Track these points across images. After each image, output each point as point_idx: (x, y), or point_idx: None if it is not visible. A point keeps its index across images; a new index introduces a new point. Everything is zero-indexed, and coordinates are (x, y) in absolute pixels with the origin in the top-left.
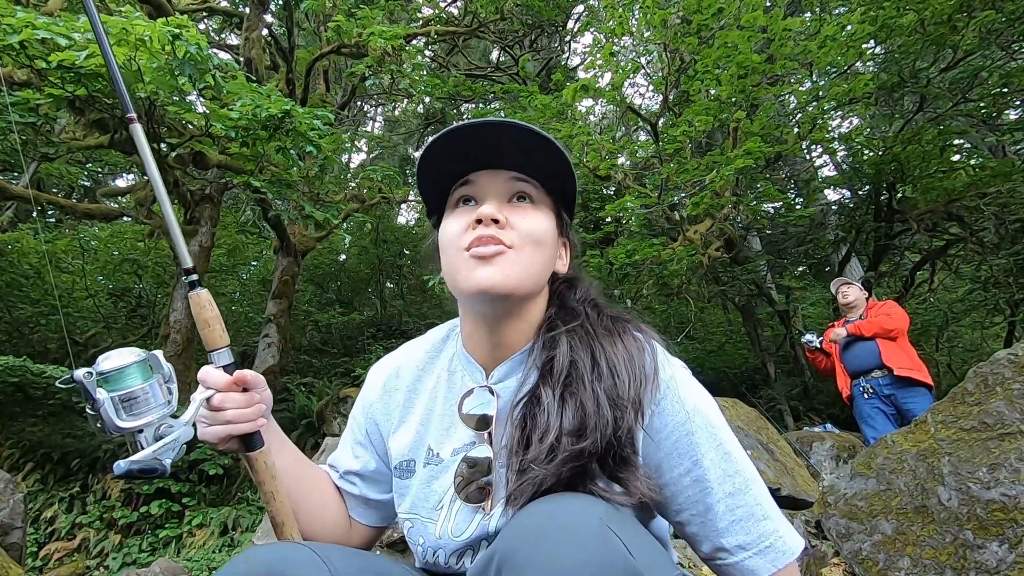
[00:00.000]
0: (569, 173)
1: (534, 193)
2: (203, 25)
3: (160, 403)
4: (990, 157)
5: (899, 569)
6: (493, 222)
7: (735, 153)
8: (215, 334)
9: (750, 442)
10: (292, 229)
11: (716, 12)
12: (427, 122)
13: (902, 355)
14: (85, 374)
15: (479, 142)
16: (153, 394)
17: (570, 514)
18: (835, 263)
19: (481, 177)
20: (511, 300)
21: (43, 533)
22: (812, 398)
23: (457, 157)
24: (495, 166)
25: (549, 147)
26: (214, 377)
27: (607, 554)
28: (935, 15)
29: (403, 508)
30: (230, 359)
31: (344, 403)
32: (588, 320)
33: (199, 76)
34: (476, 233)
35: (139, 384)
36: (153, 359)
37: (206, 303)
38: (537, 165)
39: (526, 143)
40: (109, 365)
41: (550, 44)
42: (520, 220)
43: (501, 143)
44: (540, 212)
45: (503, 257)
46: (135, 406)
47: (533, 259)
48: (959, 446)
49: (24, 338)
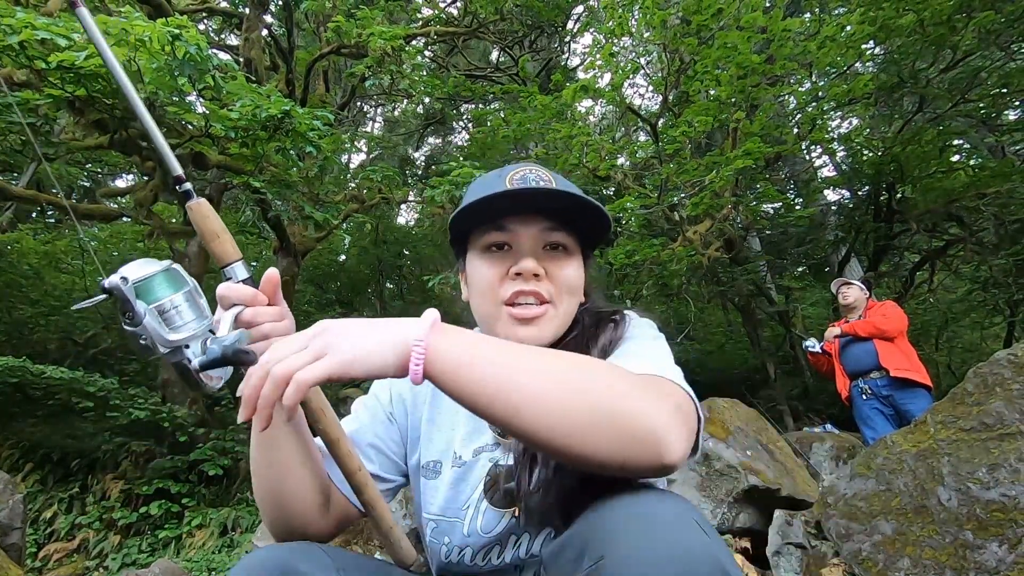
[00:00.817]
0: (606, 228)
1: (567, 241)
2: (203, 26)
3: (197, 315)
4: (989, 157)
5: (899, 569)
6: (534, 276)
7: (735, 153)
8: (226, 246)
9: (750, 442)
10: (292, 229)
11: (716, 13)
12: (427, 122)
13: (899, 356)
14: (120, 279)
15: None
16: (188, 305)
17: (658, 506)
18: (835, 263)
19: (516, 225)
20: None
21: (42, 534)
22: (812, 398)
23: (497, 198)
24: (535, 212)
25: (595, 211)
26: (238, 292)
27: (695, 542)
28: (934, 16)
29: (432, 510)
30: (247, 273)
31: (344, 403)
32: (583, 332)
33: (199, 77)
34: (516, 287)
35: (170, 294)
36: (175, 272)
37: (208, 213)
38: (570, 218)
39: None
40: (138, 273)
41: (550, 45)
42: (557, 271)
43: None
44: (573, 259)
45: (544, 318)
46: (171, 319)
47: (569, 308)
48: (959, 446)
49: (24, 338)
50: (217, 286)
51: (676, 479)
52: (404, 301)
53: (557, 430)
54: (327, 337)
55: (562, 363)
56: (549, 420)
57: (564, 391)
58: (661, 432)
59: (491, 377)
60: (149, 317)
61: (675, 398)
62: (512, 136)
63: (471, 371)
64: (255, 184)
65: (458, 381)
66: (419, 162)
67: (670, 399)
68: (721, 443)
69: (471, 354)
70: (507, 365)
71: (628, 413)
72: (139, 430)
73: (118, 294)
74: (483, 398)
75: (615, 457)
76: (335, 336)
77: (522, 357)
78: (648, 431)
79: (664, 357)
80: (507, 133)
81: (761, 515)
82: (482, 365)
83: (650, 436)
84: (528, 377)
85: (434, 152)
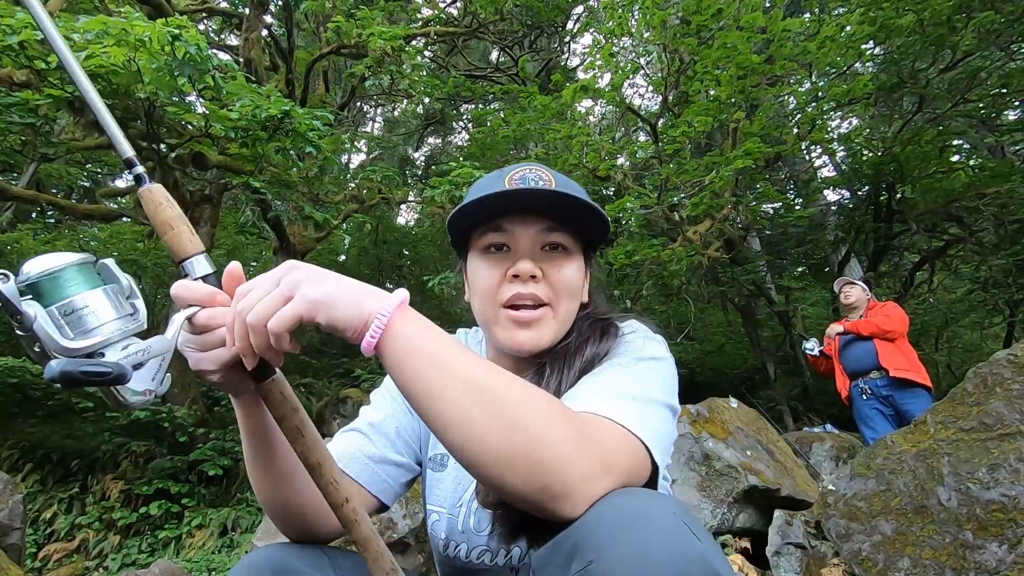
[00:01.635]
0: (605, 229)
1: (566, 241)
2: (203, 26)
3: (119, 315)
4: (989, 158)
5: (899, 569)
6: (531, 278)
7: (734, 154)
8: (182, 238)
9: (750, 442)
10: (292, 230)
11: (715, 13)
12: (427, 123)
13: (899, 356)
14: (2, 276)
15: (524, 197)
16: (107, 304)
17: (649, 507)
18: (835, 263)
19: (515, 226)
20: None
21: (42, 534)
22: (812, 398)
23: (491, 199)
24: (532, 213)
25: (592, 212)
26: (194, 291)
27: (686, 545)
28: (934, 16)
29: (434, 501)
30: (210, 268)
31: (343, 404)
32: (579, 336)
33: (199, 77)
34: (515, 289)
35: (81, 292)
36: (103, 267)
37: (162, 200)
38: (569, 217)
39: (562, 199)
40: (37, 268)
41: (549, 45)
42: (555, 272)
43: (554, 200)
44: (572, 260)
45: (541, 321)
46: (80, 321)
47: (568, 310)
48: (958, 446)
49: None
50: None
51: (676, 479)
52: None
53: (474, 459)
54: (296, 276)
55: (503, 394)
56: (468, 445)
57: (490, 425)
58: (571, 486)
59: (433, 379)
60: (42, 320)
61: (606, 448)
62: (512, 136)
63: (417, 364)
64: (255, 184)
65: (401, 369)
66: (419, 162)
67: (597, 450)
68: (721, 443)
69: (423, 348)
70: (450, 375)
71: (543, 464)
72: (139, 430)
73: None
74: (417, 396)
75: (528, 501)
76: (304, 278)
77: (469, 373)
78: (559, 483)
79: (636, 386)
80: (507, 133)
81: (761, 515)
82: (428, 364)
83: (558, 488)
84: (461, 395)
85: (434, 152)
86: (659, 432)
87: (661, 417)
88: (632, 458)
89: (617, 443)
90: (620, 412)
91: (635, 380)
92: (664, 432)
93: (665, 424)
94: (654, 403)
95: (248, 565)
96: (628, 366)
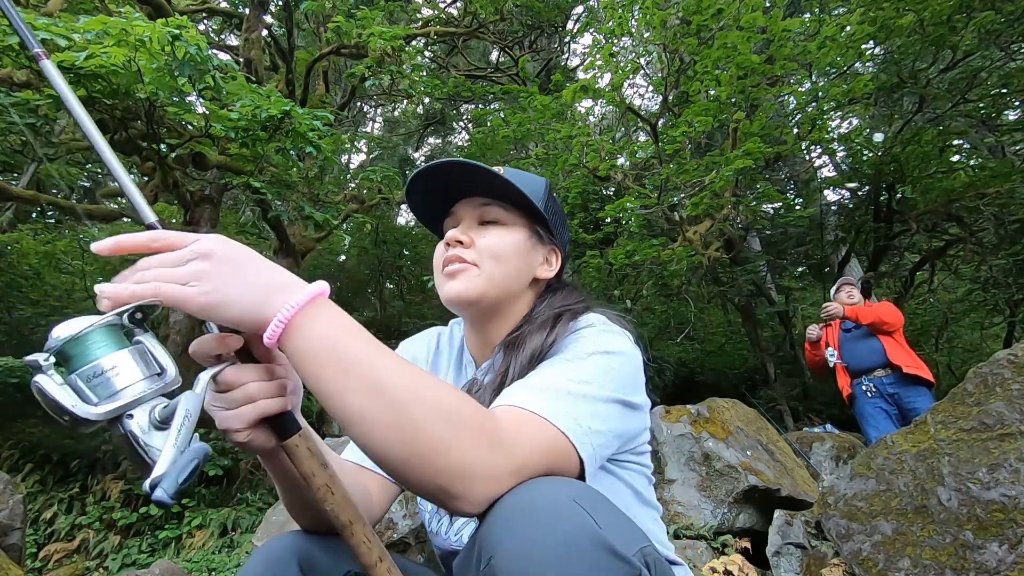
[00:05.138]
0: (524, 196)
1: (503, 215)
2: (203, 26)
3: (144, 375)
4: (989, 158)
5: (899, 570)
6: (458, 243)
7: (735, 154)
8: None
9: (750, 442)
10: (292, 230)
11: (715, 13)
12: (427, 123)
13: (905, 353)
14: (43, 360)
15: (454, 178)
16: (134, 364)
17: (541, 494)
18: (835, 263)
19: (459, 207)
20: (480, 306)
21: (42, 534)
22: (812, 398)
23: (440, 194)
24: (470, 194)
25: (496, 179)
26: (205, 345)
27: (577, 528)
28: (934, 16)
29: None
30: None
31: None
32: (531, 324)
33: (199, 77)
34: (446, 254)
35: (104, 355)
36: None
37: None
38: (504, 191)
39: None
40: (64, 333)
41: (549, 45)
42: (482, 240)
43: (476, 175)
44: (508, 231)
45: (464, 273)
46: (103, 386)
47: (494, 272)
48: (959, 446)
49: (24, 339)
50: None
51: (676, 479)
52: (404, 301)
53: (376, 458)
54: (205, 265)
55: (406, 397)
56: (369, 445)
57: (389, 431)
58: (469, 488)
59: (334, 381)
60: (64, 391)
61: (515, 446)
62: (512, 136)
63: (316, 368)
64: (255, 184)
65: (302, 369)
66: (419, 162)
67: (502, 450)
68: (721, 443)
69: (328, 350)
70: (353, 378)
71: (442, 470)
72: None
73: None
74: (319, 395)
75: (431, 500)
76: (212, 268)
77: (372, 376)
78: (457, 486)
79: (575, 380)
80: (507, 133)
81: (761, 515)
82: (329, 366)
83: (457, 490)
84: (363, 398)
85: (434, 152)
86: (593, 427)
87: (602, 411)
88: (548, 453)
89: (531, 438)
90: (543, 405)
91: (576, 374)
92: (603, 428)
93: (607, 419)
94: (593, 397)
95: (273, 556)
96: (573, 360)
